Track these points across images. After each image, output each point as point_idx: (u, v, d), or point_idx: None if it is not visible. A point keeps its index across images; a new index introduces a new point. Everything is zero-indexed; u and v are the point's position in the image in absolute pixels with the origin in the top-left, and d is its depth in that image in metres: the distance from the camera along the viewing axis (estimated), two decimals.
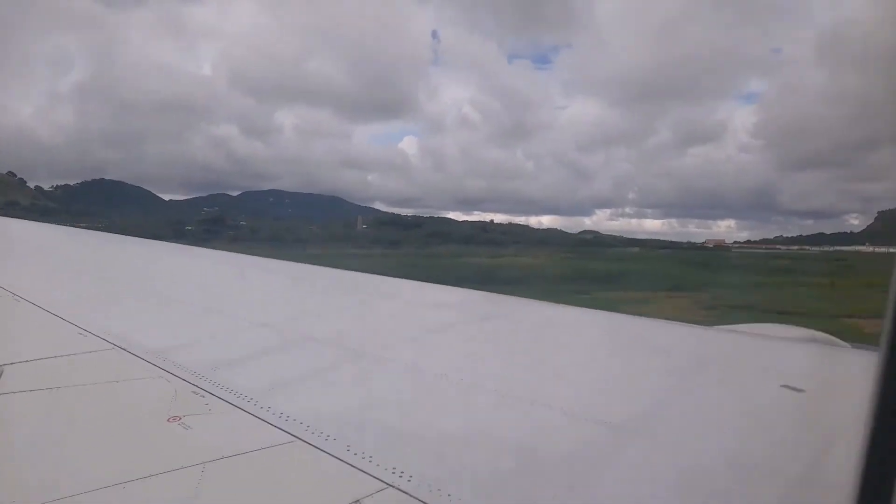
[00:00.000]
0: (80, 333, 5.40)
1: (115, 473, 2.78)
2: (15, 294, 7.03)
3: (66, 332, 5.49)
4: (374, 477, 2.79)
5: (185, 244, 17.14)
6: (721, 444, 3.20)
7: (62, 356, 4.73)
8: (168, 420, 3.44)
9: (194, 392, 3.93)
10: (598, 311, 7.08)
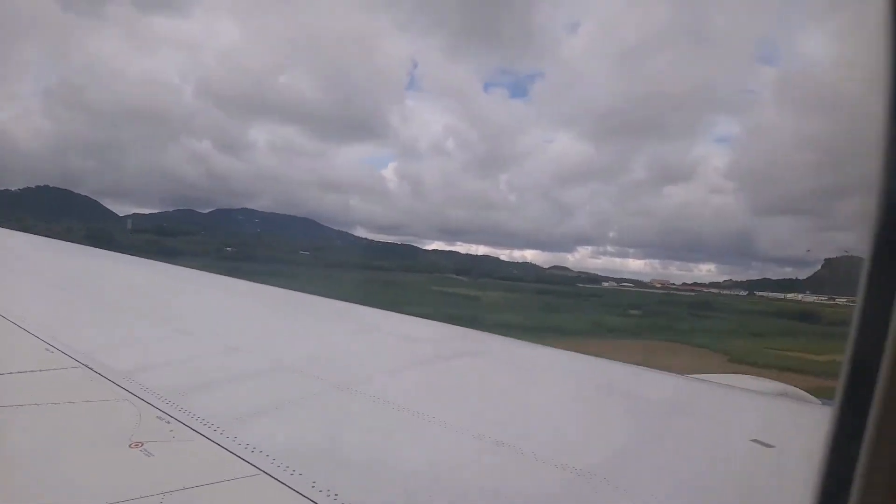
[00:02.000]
0: (46, 349, 5.30)
1: (73, 498, 2.74)
2: None
3: (32, 346, 5.38)
4: None
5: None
6: (688, 497, 3.22)
7: (26, 372, 4.65)
8: (130, 445, 3.38)
9: (159, 417, 3.87)
10: (573, 353, 7.09)
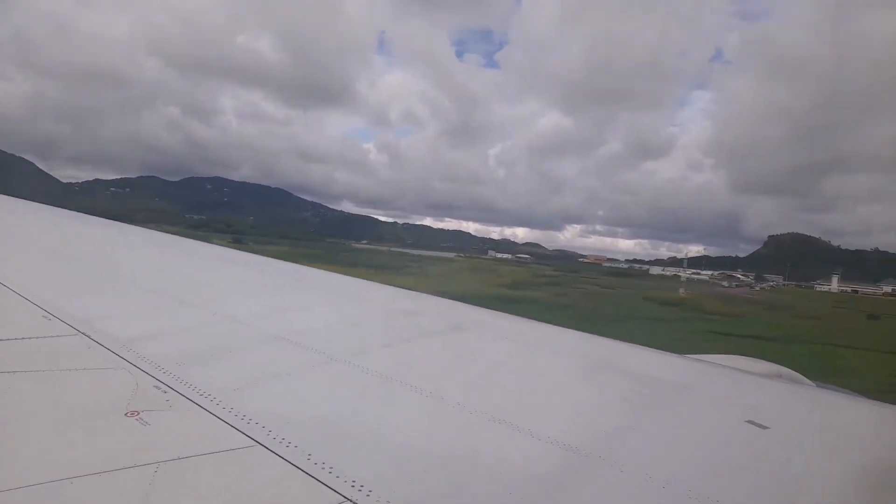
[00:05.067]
0: (44, 316, 5.28)
1: (66, 466, 2.73)
2: None
3: (29, 314, 5.35)
4: (333, 489, 2.76)
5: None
6: (684, 478, 3.22)
7: (23, 339, 4.63)
8: (126, 414, 3.38)
9: (156, 387, 3.87)
10: (568, 330, 7.06)
